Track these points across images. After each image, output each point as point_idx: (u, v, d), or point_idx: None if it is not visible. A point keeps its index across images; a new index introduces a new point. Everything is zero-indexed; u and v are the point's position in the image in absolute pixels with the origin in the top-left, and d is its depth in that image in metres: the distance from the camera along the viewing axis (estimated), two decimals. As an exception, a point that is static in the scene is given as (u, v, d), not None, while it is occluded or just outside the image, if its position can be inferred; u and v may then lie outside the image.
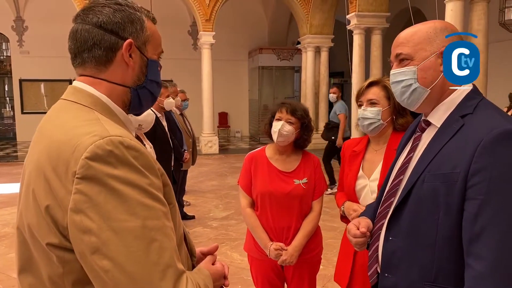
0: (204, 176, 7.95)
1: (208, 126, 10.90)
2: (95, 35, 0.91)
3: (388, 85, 1.84)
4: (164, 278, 0.77)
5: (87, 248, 0.76)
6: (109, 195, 0.76)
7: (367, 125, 1.83)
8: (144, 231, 0.77)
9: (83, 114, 0.87)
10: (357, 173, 1.87)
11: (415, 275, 1.11)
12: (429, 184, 1.08)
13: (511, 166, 0.96)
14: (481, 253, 0.97)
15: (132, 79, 0.95)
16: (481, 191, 0.97)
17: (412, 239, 1.12)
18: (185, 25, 13.33)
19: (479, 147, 0.99)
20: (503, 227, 0.95)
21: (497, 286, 0.95)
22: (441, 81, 1.13)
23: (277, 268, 2.14)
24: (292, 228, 2.07)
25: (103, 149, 0.77)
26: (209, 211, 5.63)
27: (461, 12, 5.72)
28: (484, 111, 1.08)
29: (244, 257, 3.95)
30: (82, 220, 0.75)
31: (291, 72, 13.88)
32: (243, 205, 2.17)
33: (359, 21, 8.69)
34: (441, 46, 1.12)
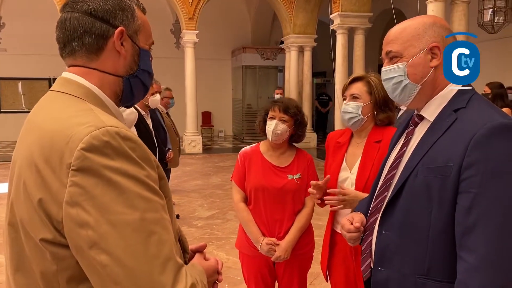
0: (188, 175, 7.88)
1: (192, 126, 10.81)
2: (86, 23, 0.88)
3: (372, 81, 1.88)
4: (164, 271, 0.74)
5: (84, 243, 0.73)
6: (106, 187, 0.73)
7: (348, 119, 1.87)
8: (143, 224, 0.74)
9: (76, 105, 0.85)
10: (341, 164, 1.92)
11: (408, 269, 1.11)
12: (422, 178, 1.08)
13: (504, 160, 0.97)
14: (474, 246, 0.97)
15: (124, 68, 0.93)
16: (474, 185, 0.98)
17: (405, 232, 1.12)
18: (167, 23, 13.18)
19: (472, 141, 0.99)
20: (496, 220, 0.96)
21: (489, 279, 0.95)
22: (432, 77, 1.14)
23: (269, 264, 2.14)
24: (284, 223, 2.08)
25: (100, 140, 0.75)
26: (194, 211, 5.58)
27: (442, 12, 5.83)
28: (477, 105, 1.09)
29: (230, 256, 3.94)
30: (78, 214, 0.73)
31: (275, 72, 13.89)
32: (236, 200, 2.18)
33: (342, 21, 8.75)
34: (430, 42, 1.13)
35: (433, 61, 1.13)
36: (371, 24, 9.16)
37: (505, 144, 0.98)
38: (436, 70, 1.14)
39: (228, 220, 5.12)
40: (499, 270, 0.95)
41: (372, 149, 1.84)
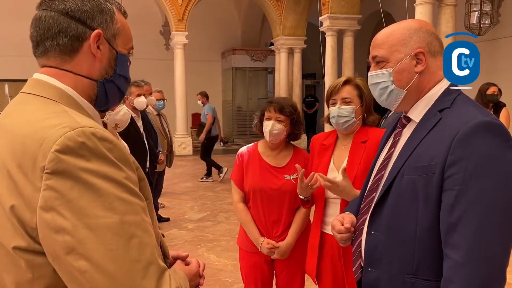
0: (178, 177, 7.84)
1: (182, 127, 10.78)
2: (61, 23, 0.84)
3: (360, 84, 1.90)
4: (146, 276, 0.72)
5: (60, 249, 0.69)
6: (83, 190, 0.70)
7: (342, 122, 1.87)
8: (122, 227, 0.71)
9: (48, 107, 0.81)
10: (328, 166, 1.93)
11: (396, 268, 1.12)
12: (408, 177, 1.10)
13: (486, 157, 0.98)
14: (458, 243, 0.98)
15: (99, 72, 0.89)
16: (457, 182, 0.99)
17: (393, 232, 1.13)
18: (157, 25, 13.10)
19: (455, 139, 1.01)
20: (479, 216, 0.97)
21: (473, 275, 0.96)
22: (417, 81, 1.15)
23: (267, 261, 2.17)
24: (281, 223, 2.10)
25: (75, 141, 0.72)
26: (184, 213, 5.55)
27: (430, 15, 5.90)
28: (461, 105, 1.11)
29: (221, 258, 3.92)
30: (53, 219, 0.69)
31: (265, 73, 13.92)
32: (235, 199, 2.21)
33: (331, 23, 8.81)
34: (415, 48, 1.14)
35: (418, 67, 1.15)
36: (360, 26, 9.25)
37: (487, 141, 0.99)
38: (421, 74, 1.15)
39: (219, 222, 5.11)
40: (483, 265, 0.96)
41: (358, 149, 1.86)
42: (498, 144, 0.99)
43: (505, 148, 0.99)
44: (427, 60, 1.14)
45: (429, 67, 1.15)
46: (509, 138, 1.01)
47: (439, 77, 1.17)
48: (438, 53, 1.16)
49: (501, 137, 1.00)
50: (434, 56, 1.16)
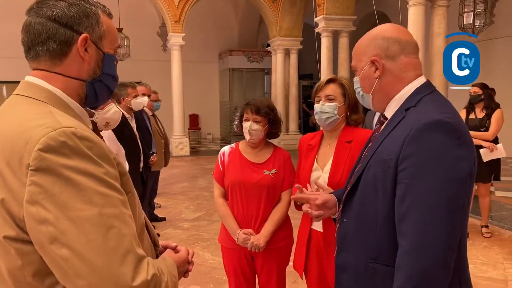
0: (175, 178, 7.89)
1: (179, 128, 10.82)
2: (49, 29, 0.90)
3: (344, 83, 1.97)
4: (124, 263, 0.78)
5: (45, 238, 0.76)
6: (64, 185, 0.77)
7: (325, 119, 1.93)
8: (101, 219, 0.78)
9: (36, 108, 0.87)
10: (312, 165, 1.99)
11: (361, 254, 1.22)
12: (372, 171, 1.19)
13: (433, 153, 1.05)
14: (406, 232, 1.06)
15: (88, 73, 0.95)
16: (407, 176, 1.08)
17: (359, 220, 1.23)
18: (154, 26, 13.17)
19: (408, 136, 1.09)
20: (423, 207, 1.04)
21: (417, 261, 1.04)
22: (379, 85, 1.25)
23: (247, 258, 2.21)
24: (260, 216, 2.17)
25: (56, 140, 0.78)
26: (180, 213, 5.60)
27: (422, 16, 5.95)
28: (424, 104, 1.17)
29: (215, 256, 3.97)
30: (38, 211, 0.76)
31: (261, 74, 13.97)
32: (215, 195, 2.29)
33: (326, 24, 8.87)
34: (371, 55, 1.23)
35: (376, 72, 1.23)
36: (355, 27, 9.30)
37: (435, 138, 1.06)
38: (383, 78, 1.23)
39: (214, 221, 5.16)
40: (424, 254, 1.03)
41: (343, 149, 1.92)
42: (446, 141, 1.05)
43: (453, 146, 1.05)
44: (383, 65, 1.22)
45: (389, 70, 1.22)
46: (460, 136, 1.07)
47: (409, 78, 1.22)
48: (398, 55, 1.21)
49: (450, 135, 1.06)
50: (393, 60, 1.22)
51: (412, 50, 1.23)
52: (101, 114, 2.32)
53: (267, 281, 2.21)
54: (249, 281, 2.25)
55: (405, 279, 1.05)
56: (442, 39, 5.91)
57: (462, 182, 1.05)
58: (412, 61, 1.22)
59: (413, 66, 1.23)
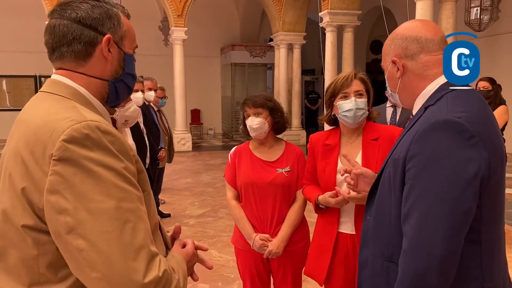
0: (178, 173, 7.84)
1: (181, 123, 10.76)
2: (74, 30, 0.93)
3: (365, 79, 1.91)
4: (137, 258, 0.79)
5: (62, 228, 0.78)
6: (84, 176, 0.78)
7: (360, 115, 1.85)
8: (118, 212, 0.79)
9: (61, 103, 0.90)
10: (336, 166, 1.89)
11: (378, 251, 1.22)
12: (388, 170, 1.20)
13: (437, 153, 1.03)
14: (407, 232, 1.06)
15: (110, 73, 0.98)
16: (411, 176, 1.07)
17: (377, 219, 1.23)
18: (155, 20, 13.06)
19: (415, 136, 1.08)
20: (423, 208, 1.03)
21: (411, 263, 1.04)
22: (402, 85, 1.24)
23: (263, 260, 2.14)
24: (275, 217, 2.09)
25: (80, 132, 0.80)
26: (185, 209, 5.55)
27: (430, 11, 5.88)
28: (442, 103, 1.13)
29: (222, 254, 3.93)
30: (57, 201, 0.78)
31: (264, 69, 13.90)
32: (228, 197, 2.21)
33: (331, 19, 8.79)
34: (393, 55, 1.23)
35: (398, 73, 1.23)
36: (360, 22, 9.22)
37: (441, 138, 1.03)
38: (405, 78, 1.23)
39: (220, 218, 5.11)
40: (420, 255, 1.02)
41: (371, 147, 1.84)
42: (452, 141, 1.02)
43: (460, 146, 1.02)
44: (403, 65, 1.21)
45: (410, 70, 1.21)
46: (471, 137, 1.02)
47: (434, 75, 1.19)
48: (417, 54, 1.19)
49: (457, 135, 1.02)
50: (413, 59, 1.20)
51: (434, 47, 1.19)
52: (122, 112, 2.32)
53: (283, 283, 2.14)
54: (265, 283, 2.20)
55: (399, 279, 1.06)
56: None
57: (467, 185, 1.00)
58: (434, 59, 1.18)
59: (436, 63, 1.18)
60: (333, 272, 1.91)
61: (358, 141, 1.90)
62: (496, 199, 1.09)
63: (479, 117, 1.08)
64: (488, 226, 1.08)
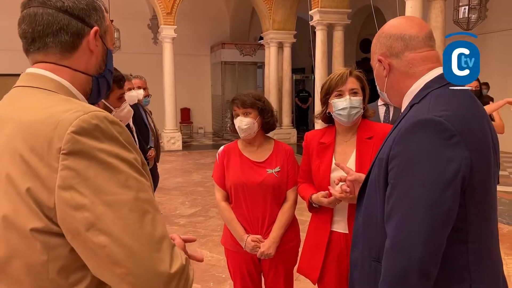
0: (168, 173, 7.78)
1: (171, 122, 10.68)
2: (61, 20, 0.87)
3: (361, 76, 1.88)
4: (161, 249, 0.76)
5: (80, 225, 0.72)
6: (99, 168, 0.74)
7: (354, 114, 1.83)
8: (137, 203, 0.76)
9: (51, 96, 0.84)
10: (331, 165, 1.87)
11: (367, 251, 1.21)
12: (374, 170, 1.19)
13: (418, 153, 1.02)
14: (389, 232, 1.06)
15: (95, 68, 0.95)
16: (392, 176, 1.06)
17: (366, 218, 1.23)
18: (144, 18, 12.96)
19: (397, 136, 1.08)
20: (403, 209, 1.03)
21: (391, 263, 1.04)
22: (389, 84, 1.23)
23: (254, 260, 2.12)
24: (267, 218, 2.06)
25: (89, 123, 0.76)
26: (176, 209, 5.51)
27: (420, 9, 5.90)
28: (425, 101, 1.11)
29: (214, 253, 3.89)
30: (72, 197, 0.73)
31: (254, 68, 13.86)
32: (217, 198, 2.16)
33: (321, 17, 8.79)
34: (378, 54, 1.22)
35: (384, 71, 1.22)
36: (350, 20, 9.24)
37: (421, 138, 1.02)
38: (391, 76, 1.21)
39: (211, 217, 5.08)
40: (400, 256, 1.02)
41: (365, 146, 1.82)
42: (432, 141, 1.01)
43: (441, 146, 1.01)
44: (389, 64, 1.20)
45: (396, 68, 1.19)
46: (452, 136, 1.00)
47: (420, 72, 1.16)
48: (402, 52, 1.17)
49: (437, 135, 1.01)
50: (398, 57, 1.18)
51: (418, 44, 1.17)
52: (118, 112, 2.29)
53: (275, 283, 2.12)
54: (256, 283, 2.17)
55: (381, 279, 1.06)
56: (439, 33, 5.87)
57: (447, 185, 0.99)
58: (419, 56, 1.16)
59: (422, 60, 1.16)
60: (326, 271, 1.90)
61: (353, 140, 1.88)
62: (483, 198, 1.07)
63: (462, 115, 1.05)
64: (476, 226, 1.06)
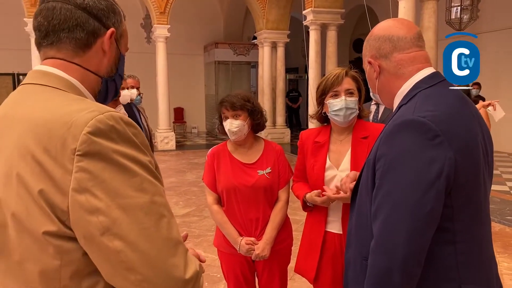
0: (162, 173, 7.43)
1: (164, 122, 10.64)
2: (79, 16, 0.87)
3: (357, 77, 1.88)
4: (176, 253, 0.75)
5: (95, 230, 0.71)
6: (114, 171, 0.72)
7: (349, 114, 1.83)
8: (153, 207, 0.75)
9: (63, 95, 0.83)
10: (325, 164, 1.88)
11: (358, 251, 1.22)
12: (364, 170, 1.20)
13: (402, 154, 1.03)
14: (374, 231, 1.07)
15: (106, 70, 0.93)
16: (378, 176, 1.08)
17: (358, 219, 1.23)
18: (137, 17, 12.87)
19: (383, 137, 1.09)
20: (387, 210, 1.04)
21: (375, 263, 1.05)
22: (380, 85, 1.24)
23: (248, 261, 2.11)
24: (260, 220, 2.05)
25: (106, 124, 0.74)
26: (169, 209, 5.49)
27: (413, 10, 5.94)
28: (412, 102, 1.12)
29: (208, 253, 3.89)
30: (87, 200, 0.71)
31: (248, 67, 13.85)
32: (209, 202, 2.13)
33: (315, 17, 8.81)
34: (368, 56, 1.23)
35: (375, 73, 1.23)
36: (343, 20, 9.27)
37: (406, 138, 1.03)
38: (381, 78, 1.22)
39: (205, 217, 5.07)
40: (383, 255, 1.03)
41: (360, 145, 1.83)
42: (416, 141, 1.02)
43: (424, 146, 1.01)
44: (379, 65, 1.20)
45: (386, 69, 1.20)
46: (436, 136, 1.00)
47: (409, 73, 1.17)
48: (390, 53, 1.18)
49: (422, 135, 1.01)
50: (387, 58, 1.19)
51: (406, 45, 1.17)
52: None
53: (270, 283, 2.12)
54: (250, 284, 2.16)
55: (367, 277, 1.07)
56: (432, 33, 5.92)
57: (430, 186, 0.99)
58: (407, 57, 1.16)
59: (410, 60, 1.16)
60: (322, 270, 1.91)
61: (348, 139, 1.89)
62: (470, 198, 1.06)
63: (448, 114, 1.05)
64: (464, 226, 1.06)
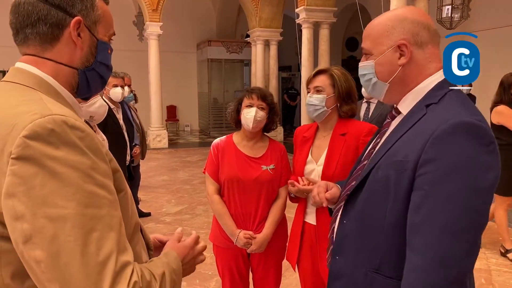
0: (154, 171, 7.73)
1: (156, 120, 10.60)
2: (40, 9, 0.83)
3: (335, 74, 1.91)
4: (102, 271, 0.70)
5: (19, 236, 0.69)
6: (47, 178, 0.69)
7: (312, 111, 1.92)
8: (83, 220, 0.70)
9: (25, 94, 0.81)
10: (306, 157, 1.95)
11: (361, 260, 1.11)
12: (383, 171, 1.07)
13: (458, 159, 0.93)
14: (418, 245, 0.95)
15: (80, 60, 0.89)
16: (427, 182, 0.96)
17: (363, 223, 1.12)
18: (129, 15, 12.79)
19: (431, 138, 0.96)
20: (442, 221, 0.93)
21: (429, 280, 0.93)
22: (401, 74, 1.11)
23: (243, 256, 2.14)
24: (258, 214, 2.09)
25: (44, 128, 0.70)
26: (161, 207, 5.48)
27: (404, 8, 5.97)
28: (449, 102, 1.04)
29: (200, 251, 3.90)
30: (14, 206, 0.68)
31: (241, 65, 13.84)
32: (210, 191, 2.14)
33: (307, 15, 8.83)
34: (399, 39, 1.09)
35: (401, 59, 1.10)
36: (336, 19, 9.30)
37: (462, 143, 0.94)
38: (406, 67, 1.10)
39: (197, 215, 5.07)
40: (440, 271, 0.93)
41: (338, 141, 1.88)
42: (474, 147, 0.93)
43: (482, 152, 0.93)
44: (411, 52, 1.09)
45: (415, 59, 1.10)
46: (490, 143, 0.95)
47: (431, 70, 1.11)
48: (426, 44, 1.09)
49: (480, 140, 0.94)
50: (421, 48, 1.09)
51: (438, 40, 1.11)
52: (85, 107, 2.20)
53: (264, 276, 2.15)
54: (244, 278, 2.19)
55: None
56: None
57: (486, 194, 0.93)
58: (437, 53, 1.11)
59: (437, 57, 1.11)
60: (302, 259, 2.01)
61: (330, 135, 1.94)
62: None
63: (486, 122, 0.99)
64: None
